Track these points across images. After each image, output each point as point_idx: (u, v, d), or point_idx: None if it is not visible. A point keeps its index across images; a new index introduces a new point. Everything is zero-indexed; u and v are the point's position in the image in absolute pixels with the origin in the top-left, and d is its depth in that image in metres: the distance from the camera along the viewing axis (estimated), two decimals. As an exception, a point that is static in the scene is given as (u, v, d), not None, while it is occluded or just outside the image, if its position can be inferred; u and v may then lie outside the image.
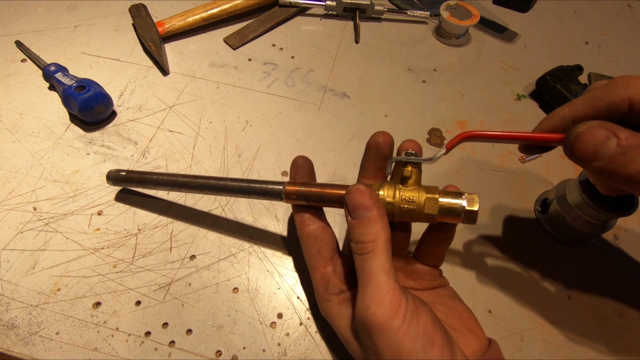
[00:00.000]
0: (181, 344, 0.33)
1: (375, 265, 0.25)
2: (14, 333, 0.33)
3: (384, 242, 0.26)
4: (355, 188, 0.27)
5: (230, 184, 0.34)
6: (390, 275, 0.25)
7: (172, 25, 0.53)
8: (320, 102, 0.51)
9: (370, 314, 0.24)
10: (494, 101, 0.53)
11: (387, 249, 0.26)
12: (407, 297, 0.26)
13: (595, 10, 0.68)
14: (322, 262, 0.31)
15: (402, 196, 0.29)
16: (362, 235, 0.26)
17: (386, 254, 0.26)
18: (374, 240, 0.26)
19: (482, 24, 0.62)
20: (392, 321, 0.24)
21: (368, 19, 0.61)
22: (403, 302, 0.25)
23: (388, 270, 0.25)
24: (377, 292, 0.25)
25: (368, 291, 0.25)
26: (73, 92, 0.43)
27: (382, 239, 0.26)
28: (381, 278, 0.25)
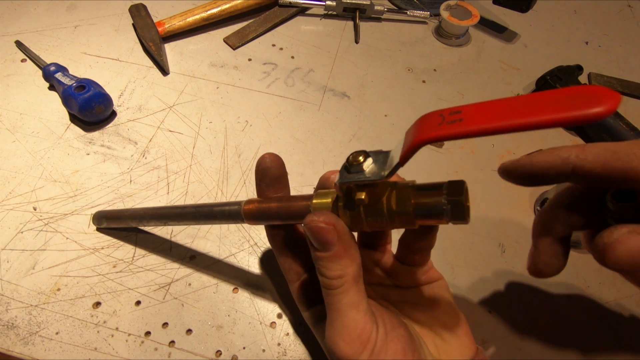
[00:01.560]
0: (181, 344, 0.33)
1: (344, 302, 0.23)
2: (14, 333, 0.33)
3: (353, 277, 0.24)
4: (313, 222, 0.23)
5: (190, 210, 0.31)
6: (360, 309, 0.23)
7: (172, 25, 0.53)
8: (320, 102, 0.51)
9: (339, 350, 0.23)
10: (494, 101, 0.53)
11: (356, 282, 0.24)
12: (379, 324, 0.24)
13: (595, 10, 0.68)
14: (296, 277, 0.29)
15: None
16: (328, 271, 0.24)
17: (355, 288, 0.24)
18: (341, 277, 0.23)
19: (482, 24, 0.62)
20: (361, 356, 0.23)
21: (368, 19, 0.61)
22: (373, 335, 0.23)
23: (357, 304, 0.23)
24: (346, 329, 0.23)
25: (336, 325, 0.23)
26: (73, 92, 0.43)
27: (351, 274, 0.23)
28: (349, 315, 0.23)
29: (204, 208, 0.30)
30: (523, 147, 0.49)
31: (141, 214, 0.34)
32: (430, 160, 0.47)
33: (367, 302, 0.24)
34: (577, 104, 0.15)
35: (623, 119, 0.48)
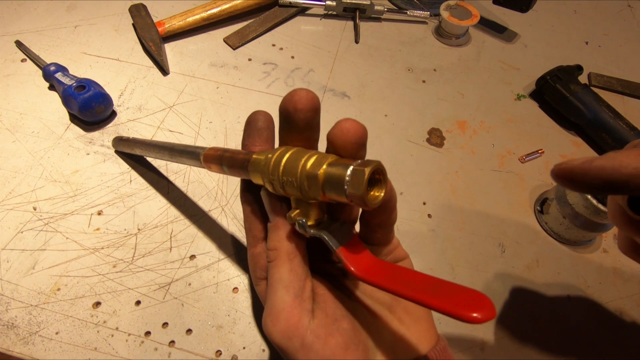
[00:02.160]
0: (181, 344, 0.33)
1: (275, 277, 0.23)
2: (14, 333, 0.33)
3: (287, 252, 0.23)
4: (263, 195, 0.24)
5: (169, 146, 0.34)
6: (290, 290, 0.23)
7: (172, 25, 0.53)
8: (320, 102, 0.51)
9: (267, 331, 0.23)
10: (494, 101, 0.53)
11: (289, 260, 0.23)
12: (317, 315, 0.23)
13: (595, 10, 0.68)
14: (252, 241, 0.27)
15: None
16: (269, 241, 0.24)
17: (287, 265, 0.23)
18: (276, 249, 0.24)
19: (482, 24, 0.62)
20: (289, 342, 0.22)
21: (368, 19, 0.61)
22: (303, 323, 0.22)
23: (288, 284, 0.23)
24: (274, 309, 0.22)
25: (268, 305, 0.23)
26: (73, 92, 0.43)
27: (285, 248, 0.23)
28: (278, 293, 0.23)
29: (179, 146, 0.32)
30: (523, 147, 0.49)
31: (141, 143, 0.38)
32: (431, 159, 0.47)
33: (301, 287, 0.23)
34: (465, 305, 0.18)
35: (623, 119, 0.48)
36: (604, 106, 0.49)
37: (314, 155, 0.21)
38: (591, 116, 0.49)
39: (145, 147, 0.37)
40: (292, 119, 0.23)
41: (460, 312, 0.17)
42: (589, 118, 0.49)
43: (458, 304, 0.18)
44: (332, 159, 0.21)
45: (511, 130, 0.51)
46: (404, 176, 0.45)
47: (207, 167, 0.29)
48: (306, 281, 0.24)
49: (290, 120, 0.23)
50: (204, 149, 0.29)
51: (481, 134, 0.50)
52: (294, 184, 0.22)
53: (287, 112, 0.23)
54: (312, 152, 0.22)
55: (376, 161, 0.20)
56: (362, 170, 0.19)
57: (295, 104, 0.22)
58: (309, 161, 0.21)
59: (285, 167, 0.22)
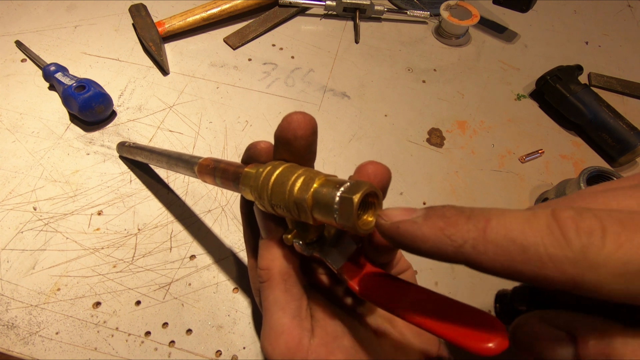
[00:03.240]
0: (181, 344, 0.33)
1: (270, 299, 0.22)
2: (14, 333, 0.33)
3: (280, 273, 0.22)
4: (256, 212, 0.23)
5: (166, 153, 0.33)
6: (287, 311, 0.22)
7: (172, 25, 0.53)
8: (320, 102, 0.51)
9: (267, 354, 0.22)
10: (494, 101, 0.53)
11: (283, 280, 0.22)
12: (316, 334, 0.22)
13: (595, 10, 0.68)
14: (250, 252, 0.27)
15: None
16: (259, 258, 0.23)
17: (282, 286, 0.22)
18: (269, 268, 0.23)
19: (482, 24, 0.62)
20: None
21: (368, 19, 0.61)
22: (304, 343, 0.21)
23: (284, 305, 0.22)
24: (272, 331, 0.22)
25: (265, 329, 0.22)
26: (73, 92, 0.43)
27: (277, 268, 0.22)
28: (275, 316, 0.22)
29: (175, 155, 0.32)
30: (523, 147, 0.49)
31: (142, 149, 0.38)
32: (431, 159, 0.47)
33: (297, 306, 0.22)
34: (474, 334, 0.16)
35: (623, 119, 0.48)
36: (604, 106, 0.49)
37: (301, 177, 0.20)
38: (591, 116, 0.49)
39: (146, 155, 0.37)
40: (292, 146, 0.22)
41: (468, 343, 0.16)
42: (589, 118, 0.49)
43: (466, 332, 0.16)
44: (320, 180, 0.19)
45: (511, 130, 0.51)
46: (404, 176, 0.45)
47: (202, 179, 0.28)
48: (302, 300, 0.23)
49: (290, 147, 0.22)
50: (199, 159, 0.28)
51: (481, 134, 0.50)
52: (283, 209, 0.21)
53: (287, 139, 0.21)
54: (300, 172, 0.20)
55: (367, 184, 0.18)
56: (350, 199, 0.17)
57: (295, 132, 0.21)
58: (296, 184, 0.20)
59: (273, 190, 0.21)
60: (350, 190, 0.18)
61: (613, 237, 0.12)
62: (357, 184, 0.18)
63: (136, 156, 0.39)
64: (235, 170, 0.24)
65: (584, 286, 0.12)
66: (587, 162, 0.49)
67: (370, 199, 0.18)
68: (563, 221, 0.13)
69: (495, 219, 0.14)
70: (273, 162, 0.22)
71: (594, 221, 0.13)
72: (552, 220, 0.13)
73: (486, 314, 0.17)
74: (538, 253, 0.13)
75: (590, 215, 0.13)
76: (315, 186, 0.19)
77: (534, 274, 0.13)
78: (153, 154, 0.36)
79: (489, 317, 0.17)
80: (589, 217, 0.13)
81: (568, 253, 0.12)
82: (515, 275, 0.14)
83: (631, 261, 0.12)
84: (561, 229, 0.13)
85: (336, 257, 0.22)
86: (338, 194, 0.18)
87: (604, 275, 0.12)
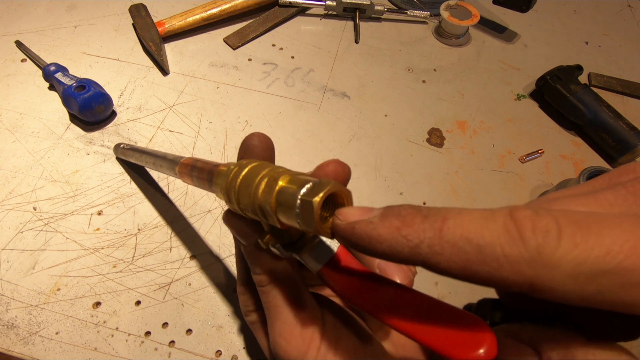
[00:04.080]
0: (181, 344, 0.33)
1: (278, 299, 0.22)
2: (14, 333, 0.33)
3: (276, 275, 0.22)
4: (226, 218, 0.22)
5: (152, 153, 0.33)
6: (297, 306, 0.22)
7: (172, 25, 0.53)
8: (320, 102, 0.51)
9: (281, 351, 0.22)
10: (494, 101, 0.53)
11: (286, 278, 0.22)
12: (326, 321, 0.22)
13: (595, 10, 0.68)
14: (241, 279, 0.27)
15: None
16: (254, 266, 0.22)
17: (287, 282, 0.22)
18: (267, 272, 0.22)
19: (482, 24, 0.62)
20: (305, 356, 0.21)
21: (368, 19, 0.61)
22: (316, 333, 0.21)
23: (293, 299, 0.22)
24: (285, 327, 0.22)
25: (276, 326, 0.22)
26: (73, 92, 0.43)
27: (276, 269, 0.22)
28: (285, 312, 0.22)
29: (160, 154, 0.31)
30: (523, 147, 0.49)
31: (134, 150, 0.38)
32: (431, 159, 0.47)
33: (305, 296, 0.22)
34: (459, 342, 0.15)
35: (623, 119, 0.48)
36: (604, 106, 0.49)
37: (265, 178, 0.18)
38: (591, 116, 0.49)
39: (137, 157, 0.37)
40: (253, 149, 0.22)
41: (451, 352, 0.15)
42: (589, 118, 0.49)
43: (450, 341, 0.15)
44: (284, 180, 0.17)
45: (511, 130, 0.51)
46: (404, 176, 0.45)
47: (182, 179, 0.26)
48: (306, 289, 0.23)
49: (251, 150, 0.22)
50: (181, 158, 0.27)
51: (481, 134, 0.50)
52: (251, 212, 0.19)
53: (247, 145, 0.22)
54: (265, 172, 0.19)
55: (329, 183, 0.16)
56: (310, 203, 0.16)
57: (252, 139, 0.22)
58: (260, 186, 0.18)
59: (240, 192, 0.19)
60: (311, 191, 0.16)
61: (569, 237, 0.12)
62: (319, 184, 0.16)
63: (130, 158, 0.39)
64: (211, 169, 0.23)
65: (540, 287, 0.12)
66: (587, 162, 0.49)
67: (337, 199, 0.17)
68: (520, 220, 0.13)
69: (452, 218, 0.14)
70: (241, 161, 0.21)
71: (551, 220, 0.12)
72: (510, 220, 0.13)
73: (473, 316, 0.16)
74: (494, 253, 0.12)
75: (547, 215, 0.13)
76: (277, 188, 0.17)
77: (490, 275, 0.13)
78: (143, 155, 0.35)
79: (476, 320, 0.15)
80: (546, 216, 0.13)
81: (524, 253, 0.12)
82: (472, 277, 0.13)
83: (585, 262, 0.12)
84: (518, 228, 0.12)
85: (316, 257, 0.20)
86: (299, 196, 0.16)
87: (559, 276, 0.12)
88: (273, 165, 0.19)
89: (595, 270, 0.12)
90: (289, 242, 0.21)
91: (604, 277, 0.12)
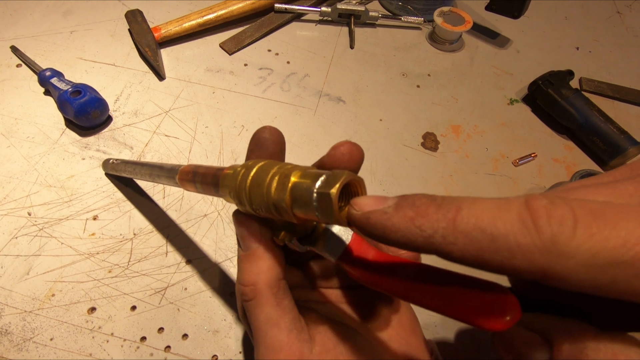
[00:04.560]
0: (177, 349, 0.33)
1: (260, 318, 0.21)
2: (8, 339, 0.32)
3: (268, 286, 0.21)
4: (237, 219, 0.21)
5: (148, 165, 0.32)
6: (282, 326, 0.20)
7: (168, 31, 0.53)
8: (316, 107, 0.51)
9: None
10: (487, 106, 0.54)
11: (273, 294, 0.21)
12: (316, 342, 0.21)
13: (585, 16, 0.69)
14: None
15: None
16: (241, 274, 0.21)
17: (272, 301, 0.21)
18: (254, 284, 0.21)
19: (475, 30, 0.63)
20: None
21: (363, 24, 0.62)
22: (305, 354, 0.20)
23: (278, 320, 0.21)
24: (269, 351, 0.20)
25: (260, 350, 0.21)
26: (69, 97, 0.43)
27: (264, 282, 0.21)
28: (270, 334, 0.20)
29: (156, 166, 0.31)
30: (516, 150, 0.50)
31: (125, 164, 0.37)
32: (425, 163, 0.47)
33: (292, 318, 0.21)
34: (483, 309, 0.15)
35: (613, 123, 0.48)
36: (595, 110, 0.50)
37: (277, 176, 0.19)
38: (582, 120, 0.49)
39: (130, 170, 0.36)
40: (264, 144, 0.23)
41: (479, 322, 0.15)
42: (580, 122, 0.50)
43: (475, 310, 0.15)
44: (295, 176, 0.18)
45: (504, 134, 0.51)
46: (399, 180, 0.46)
47: (184, 187, 0.26)
48: (295, 310, 0.22)
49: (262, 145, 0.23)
50: (180, 167, 0.27)
51: (475, 138, 0.50)
52: (264, 210, 0.19)
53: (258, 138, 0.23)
54: (275, 170, 0.19)
55: (344, 174, 0.17)
56: (327, 195, 0.16)
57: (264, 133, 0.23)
58: (272, 184, 0.18)
59: (251, 192, 0.19)
60: (327, 184, 0.16)
61: (584, 227, 0.12)
62: (333, 176, 0.17)
63: (121, 172, 0.38)
64: (215, 173, 0.23)
65: (553, 276, 0.12)
66: (578, 165, 0.50)
67: (351, 188, 0.17)
68: (535, 210, 0.13)
69: (466, 208, 0.14)
70: (247, 162, 0.21)
71: (567, 210, 0.12)
72: (524, 209, 0.13)
73: (494, 283, 0.15)
74: (507, 243, 0.13)
75: (563, 204, 0.13)
76: (290, 185, 0.18)
77: (502, 264, 0.13)
78: (137, 168, 0.34)
79: (497, 287, 0.15)
80: (562, 206, 0.13)
81: (537, 242, 0.12)
82: (485, 265, 0.13)
83: (600, 253, 0.12)
84: (532, 218, 0.12)
85: (333, 246, 0.20)
86: (315, 189, 0.17)
87: (572, 265, 0.12)
88: (281, 163, 0.20)
89: (610, 261, 0.12)
90: (304, 236, 0.21)
91: (618, 268, 0.12)
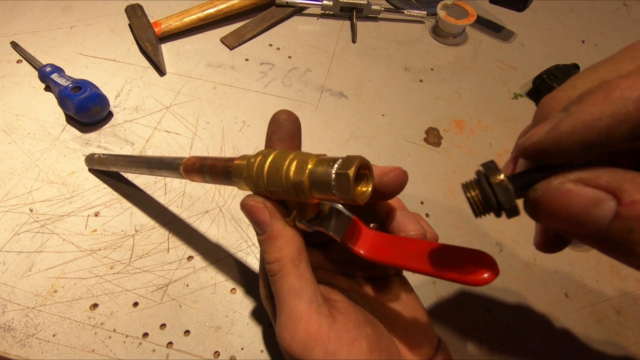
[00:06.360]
0: (179, 345, 0.33)
1: (284, 288, 0.22)
2: (11, 335, 0.32)
3: (291, 260, 0.23)
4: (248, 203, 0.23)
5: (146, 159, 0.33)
6: (304, 297, 0.22)
7: (168, 26, 0.53)
8: (318, 102, 0.51)
9: (285, 345, 0.21)
10: (491, 100, 0.54)
11: (295, 267, 0.22)
12: (337, 320, 0.22)
13: (591, 9, 0.68)
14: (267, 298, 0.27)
15: None
16: (266, 254, 0.23)
17: (295, 272, 0.22)
18: (278, 260, 0.23)
19: (478, 23, 0.62)
20: (311, 353, 0.21)
21: (365, 18, 0.61)
22: (324, 330, 0.21)
23: (300, 291, 0.22)
24: (290, 319, 0.21)
25: (281, 318, 0.22)
26: (69, 93, 0.43)
27: (288, 256, 0.22)
28: (291, 303, 0.22)
29: (156, 159, 0.32)
30: (520, 145, 0.49)
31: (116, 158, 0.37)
32: (428, 159, 0.47)
33: (314, 291, 0.22)
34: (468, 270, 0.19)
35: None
36: (601, 105, 0.49)
37: (295, 161, 0.21)
38: (588, 115, 0.49)
39: (122, 164, 0.36)
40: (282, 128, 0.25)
41: (464, 279, 0.19)
42: (585, 117, 0.49)
43: (462, 271, 0.19)
44: (313, 161, 0.20)
45: (508, 129, 0.51)
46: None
47: (189, 178, 0.28)
48: (315, 284, 0.23)
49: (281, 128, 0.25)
50: (183, 159, 0.28)
51: (478, 133, 0.50)
52: (282, 193, 0.22)
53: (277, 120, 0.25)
54: (291, 156, 0.21)
55: (358, 158, 0.19)
56: (346, 174, 0.19)
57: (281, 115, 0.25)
58: (291, 167, 0.21)
59: (269, 177, 0.22)
60: (343, 166, 0.19)
61: None
62: (349, 159, 0.19)
63: (110, 167, 0.38)
64: (225, 164, 0.25)
65: None
66: (584, 160, 0.49)
67: (362, 171, 0.20)
68: None
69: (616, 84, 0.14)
70: (262, 151, 0.23)
71: None
72: None
73: (478, 251, 0.19)
74: None
75: None
76: (309, 167, 0.20)
77: None
78: (131, 162, 0.34)
79: (480, 253, 0.19)
80: None
81: None
82: None
83: None
84: None
85: (336, 228, 0.23)
86: (333, 171, 0.19)
87: None
88: (296, 151, 0.22)
89: None
90: (312, 218, 0.24)
91: None
